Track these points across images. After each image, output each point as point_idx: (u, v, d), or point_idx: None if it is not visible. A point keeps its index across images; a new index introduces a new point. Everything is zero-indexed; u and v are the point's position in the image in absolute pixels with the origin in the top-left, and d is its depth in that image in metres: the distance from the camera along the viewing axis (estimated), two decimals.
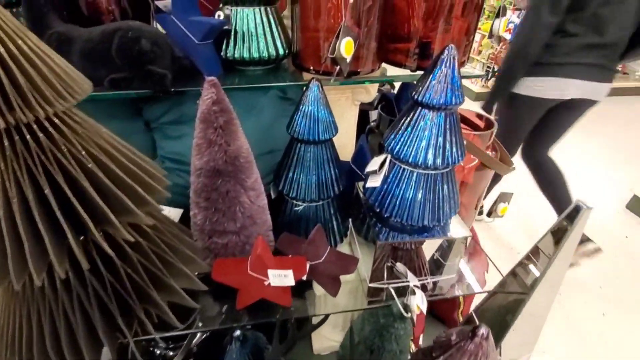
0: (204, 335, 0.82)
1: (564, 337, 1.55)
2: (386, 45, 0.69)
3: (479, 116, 0.88)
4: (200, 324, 0.67)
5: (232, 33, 0.66)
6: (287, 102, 0.78)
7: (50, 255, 0.39)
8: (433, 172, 0.55)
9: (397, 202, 0.56)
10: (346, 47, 0.54)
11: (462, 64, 0.70)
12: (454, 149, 0.52)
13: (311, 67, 0.67)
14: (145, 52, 0.55)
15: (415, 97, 0.51)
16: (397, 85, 1.01)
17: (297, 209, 0.69)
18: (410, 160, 0.53)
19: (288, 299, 0.65)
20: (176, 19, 0.62)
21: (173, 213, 0.70)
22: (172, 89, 0.60)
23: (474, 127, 0.82)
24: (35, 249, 0.39)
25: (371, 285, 0.65)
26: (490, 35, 0.65)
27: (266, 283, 0.60)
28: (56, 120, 0.39)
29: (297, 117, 0.62)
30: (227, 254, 0.65)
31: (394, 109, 0.92)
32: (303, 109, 0.61)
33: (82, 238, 0.45)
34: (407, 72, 0.71)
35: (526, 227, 2.10)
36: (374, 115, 1.12)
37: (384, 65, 0.72)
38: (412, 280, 0.66)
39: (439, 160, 0.51)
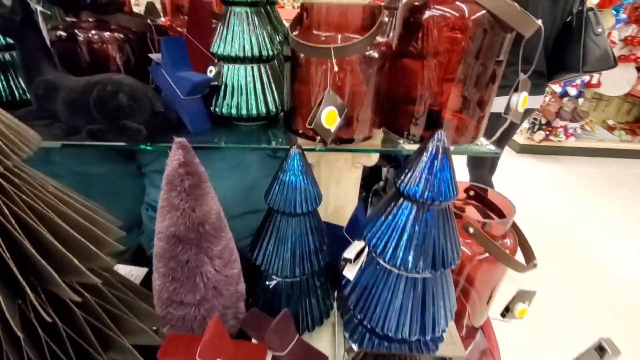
0: None
1: None
2: (389, 108, 0.63)
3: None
4: None
5: (223, 87, 0.63)
6: (276, 160, 0.73)
7: None
8: (418, 275, 0.46)
9: (373, 304, 0.47)
10: (327, 118, 0.48)
11: (474, 139, 0.62)
12: (446, 250, 0.43)
13: (300, 131, 0.62)
14: (122, 107, 0.53)
15: (398, 184, 0.43)
16: None
17: (269, 283, 0.62)
18: (387, 259, 0.44)
19: None
20: (165, 72, 0.60)
21: (136, 272, 0.66)
22: (149, 144, 0.58)
23: (491, 206, 0.71)
24: None
25: None
26: (506, 112, 0.56)
27: None
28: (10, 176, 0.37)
29: (275, 185, 0.56)
30: (184, 327, 0.58)
31: None
32: (281, 177, 0.55)
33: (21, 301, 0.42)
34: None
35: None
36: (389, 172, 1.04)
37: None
38: None
39: (422, 263, 0.42)
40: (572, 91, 3.35)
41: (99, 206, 0.52)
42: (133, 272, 0.64)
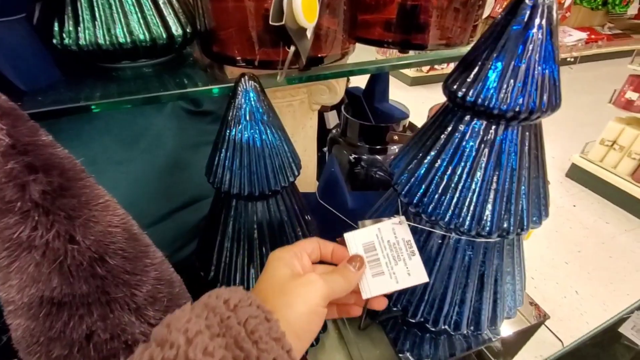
0: None
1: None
2: (356, 14, 0.43)
3: None
4: None
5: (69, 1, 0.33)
6: (204, 119, 0.47)
7: None
8: (486, 240, 0.30)
9: (436, 299, 0.30)
10: (306, 6, 0.26)
11: (472, 39, 0.46)
12: (534, 198, 0.27)
13: (237, 56, 0.37)
14: None
15: (460, 94, 0.25)
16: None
17: None
18: (445, 220, 0.27)
19: None
20: None
21: None
22: None
23: None
24: None
25: None
26: None
27: None
28: None
29: (219, 153, 0.32)
30: None
31: (364, 110, 0.66)
32: (231, 136, 0.31)
33: None
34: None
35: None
36: (331, 118, 0.85)
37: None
38: None
39: (506, 223, 0.26)
40: None
41: None
42: None
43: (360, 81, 0.74)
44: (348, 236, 0.30)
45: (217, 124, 0.50)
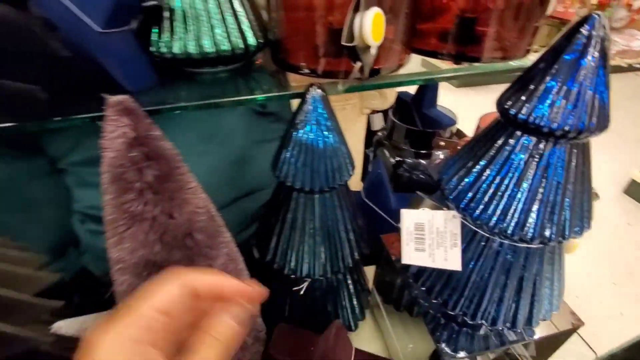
0: None
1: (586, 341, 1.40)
2: (414, 27, 0.45)
3: None
4: None
5: (168, 14, 0.39)
6: (267, 119, 0.52)
7: None
8: (527, 245, 0.32)
9: (477, 295, 0.33)
10: (374, 27, 0.29)
11: (527, 52, 0.47)
12: (581, 209, 0.29)
13: (303, 65, 0.42)
14: None
15: (513, 112, 0.27)
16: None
17: (297, 288, 0.45)
18: (490, 224, 0.29)
19: None
20: None
21: (92, 323, 0.44)
22: (59, 118, 0.34)
23: None
24: None
25: None
26: None
27: None
28: None
29: (286, 151, 0.37)
30: None
31: (411, 115, 0.68)
32: (298, 137, 0.36)
33: None
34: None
35: None
36: (376, 121, 0.88)
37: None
38: None
39: (548, 231, 0.28)
40: None
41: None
42: (88, 324, 0.42)
43: (409, 86, 0.76)
44: (404, 212, 0.34)
45: (278, 123, 0.55)
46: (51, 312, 0.29)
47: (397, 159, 0.71)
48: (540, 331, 0.37)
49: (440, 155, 0.71)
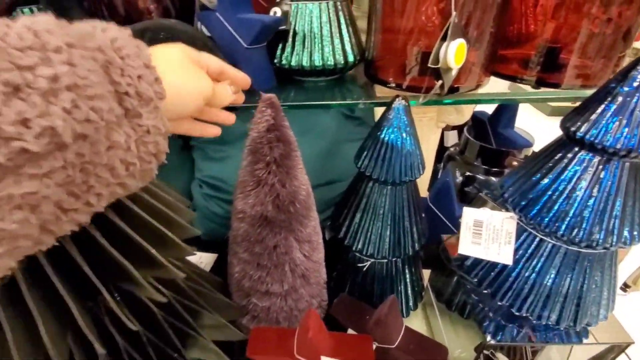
0: None
1: None
2: (496, 52, 0.51)
3: None
4: None
5: (291, 35, 0.51)
6: (354, 122, 0.62)
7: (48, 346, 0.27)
8: (588, 250, 0.35)
9: (525, 289, 0.37)
10: (457, 54, 0.37)
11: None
12: (633, 219, 0.32)
13: (391, 80, 0.50)
14: None
15: (573, 129, 0.32)
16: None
17: (360, 265, 0.53)
18: (557, 231, 0.34)
19: None
20: (222, 17, 0.48)
21: (205, 259, 0.57)
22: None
23: None
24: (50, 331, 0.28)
25: None
26: None
27: None
28: None
29: (371, 147, 0.45)
30: (267, 319, 0.50)
31: (486, 133, 0.72)
32: (381, 136, 0.44)
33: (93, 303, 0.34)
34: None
35: None
36: (450, 137, 0.92)
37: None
38: None
39: (598, 235, 0.32)
40: None
41: (163, 182, 0.42)
42: (202, 260, 0.56)
43: (487, 106, 0.80)
44: (466, 209, 0.40)
45: (362, 127, 0.64)
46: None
47: (468, 173, 0.75)
48: (587, 340, 0.39)
49: None
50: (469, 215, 0.40)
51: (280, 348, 0.45)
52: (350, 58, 0.54)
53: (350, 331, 0.51)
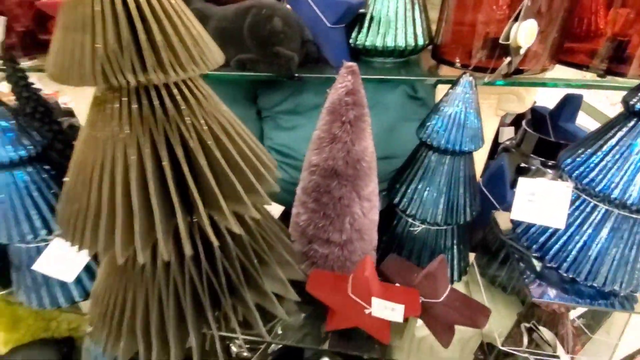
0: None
1: None
2: (563, 42, 0.53)
3: None
4: (279, 332, 0.61)
5: (368, 18, 0.58)
6: (416, 102, 0.67)
7: (158, 233, 0.36)
8: (631, 215, 0.38)
9: (574, 252, 0.40)
10: (528, 34, 0.41)
11: None
12: None
13: (457, 61, 0.55)
14: (276, 32, 0.50)
15: (632, 102, 0.35)
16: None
17: (413, 229, 0.57)
18: (611, 195, 0.36)
19: (387, 335, 0.53)
20: None
21: (274, 209, 0.65)
22: (296, 75, 0.55)
23: None
24: (143, 224, 0.35)
25: (503, 348, 0.50)
26: None
27: (367, 311, 0.50)
28: (184, 88, 0.34)
29: (435, 118, 0.50)
30: (324, 265, 0.57)
31: (545, 127, 0.73)
32: (445, 109, 0.49)
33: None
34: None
35: None
36: (505, 133, 0.93)
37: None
38: (563, 357, 0.48)
39: None
40: None
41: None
42: (272, 209, 0.64)
43: (545, 101, 0.80)
44: (522, 179, 0.43)
45: (423, 108, 0.69)
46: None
47: (523, 164, 0.77)
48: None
49: None
50: (524, 183, 0.44)
51: (335, 288, 0.52)
52: (420, 42, 0.59)
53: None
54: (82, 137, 0.36)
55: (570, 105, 0.69)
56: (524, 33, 0.40)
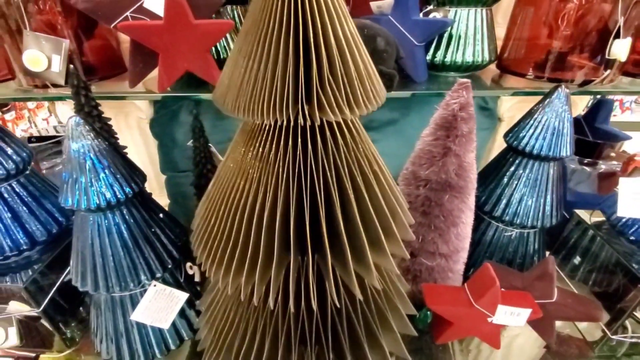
0: None
1: None
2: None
3: None
4: None
5: (447, 36, 0.60)
6: (485, 112, 0.71)
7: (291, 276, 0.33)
8: None
9: None
10: (626, 49, 0.45)
11: None
12: None
13: (529, 72, 0.59)
14: (379, 51, 0.51)
15: None
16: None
17: (507, 234, 0.60)
18: None
19: (498, 341, 0.55)
20: (395, 19, 0.57)
21: None
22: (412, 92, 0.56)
23: None
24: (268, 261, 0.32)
25: (614, 337, 0.53)
26: None
27: (489, 319, 0.51)
28: (351, 126, 0.32)
29: (530, 126, 0.53)
30: (429, 278, 0.57)
31: (580, 129, 0.80)
32: (541, 118, 0.52)
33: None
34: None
35: None
36: None
37: None
38: None
39: None
40: None
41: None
42: None
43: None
44: (622, 179, 0.47)
45: (490, 118, 0.73)
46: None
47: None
48: None
49: (602, 166, 0.81)
50: (626, 183, 0.48)
51: (454, 299, 0.52)
52: (486, 57, 0.62)
53: None
54: (229, 164, 0.34)
55: (604, 108, 0.77)
56: (626, 48, 0.45)
